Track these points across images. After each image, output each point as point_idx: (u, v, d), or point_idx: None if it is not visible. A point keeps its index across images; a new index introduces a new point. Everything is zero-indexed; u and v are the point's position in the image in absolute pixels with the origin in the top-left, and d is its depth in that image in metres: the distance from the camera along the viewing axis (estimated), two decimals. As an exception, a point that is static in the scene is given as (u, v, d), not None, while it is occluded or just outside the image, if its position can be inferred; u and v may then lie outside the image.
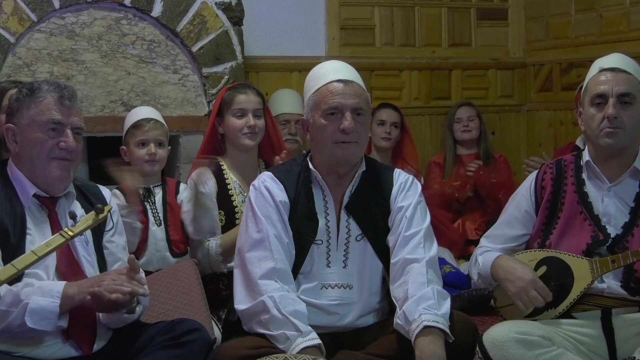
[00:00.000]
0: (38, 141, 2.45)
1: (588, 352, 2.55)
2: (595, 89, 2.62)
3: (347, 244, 2.64)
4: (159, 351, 2.42)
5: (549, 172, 2.75)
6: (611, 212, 2.63)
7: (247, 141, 3.42)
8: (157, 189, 3.39)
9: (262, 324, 2.46)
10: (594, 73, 2.67)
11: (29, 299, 2.26)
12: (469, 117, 4.73)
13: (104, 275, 2.41)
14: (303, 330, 2.40)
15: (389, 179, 2.69)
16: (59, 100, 2.47)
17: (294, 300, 2.48)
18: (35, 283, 2.33)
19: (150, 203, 3.34)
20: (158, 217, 3.33)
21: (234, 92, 3.47)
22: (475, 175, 4.56)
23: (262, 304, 2.46)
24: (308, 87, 2.69)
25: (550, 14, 5.20)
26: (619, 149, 2.62)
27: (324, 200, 2.65)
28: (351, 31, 4.97)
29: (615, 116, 2.56)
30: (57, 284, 2.33)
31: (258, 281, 2.49)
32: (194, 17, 4.14)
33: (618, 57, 2.69)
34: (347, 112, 2.56)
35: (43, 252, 2.21)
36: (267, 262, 2.52)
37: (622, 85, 2.58)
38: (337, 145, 2.57)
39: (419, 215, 2.63)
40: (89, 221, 2.31)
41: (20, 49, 3.88)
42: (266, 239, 2.54)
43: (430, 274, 2.52)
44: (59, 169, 2.46)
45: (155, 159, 3.33)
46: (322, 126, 2.58)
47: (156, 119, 3.40)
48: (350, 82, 2.61)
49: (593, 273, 2.56)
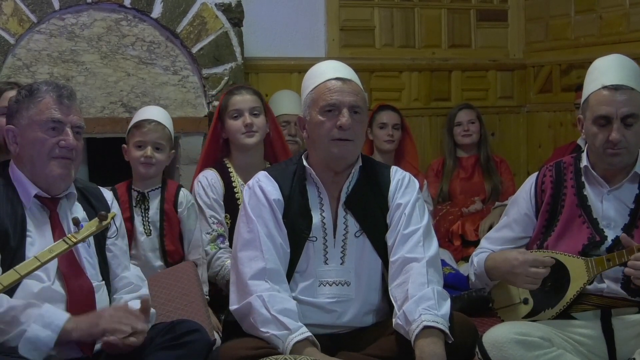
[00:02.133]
0: (38, 140, 2.45)
1: (588, 353, 2.55)
2: (599, 110, 2.59)
3: (345, 240, 2.64)
4: (159, 352, 2.41)
5: (549, 175, 2.75)
6: (611, 215, 2.63)
7: (247, 140, 3.42)
8: (153, 193, 3.31)
9: (252, 324, 2.46)
10: (595, 88, 2.63)
11: (28, 326, 2.24)
12: (469, 120, 4.71)
13: (103, 311, 2.38)
14: (292, 328, 2.40)
15: (386, 175, 2.70)
16: (58, 99, 2.47)
17: (282, 299, 2.47)
18: (38, 309, 2.28)
19: (142, 210, 3.27)
20: (148, 227, 3.26)
21: (229, 95, 3.49)
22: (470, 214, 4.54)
23: (250, 304, 2.47)
24: (305, 85, 2.70)
25: (550, 15, 5.20)
26: (622, 166, 2.62)
27: (319, 197, 2.65)
28: (351, 32, 4.97)
29: (619, 140, 2.56)
30: (60, 316, 2.29)
31: (248, 281, 2.50)
32: (193, 18, 4.14)
33: (619, 67, 2.65)
34: (345, 109, 2.57)
35: (46, 258, 2.22)
36: (258, 262, 2.52)
37: (626, 107, 2.56)
38: (334, 142, 2.58)
39: (418, 213, 2.63)
40: (92, 228, 2.33)
41: (20, 50, 3.87)
42: (257, 239, 2.55)
43: (430, 273, 2.52)
44: (60, 168, 2.46)
45: (150, 162, 3.24)
46: (319, 123, 2.59)
47: (158, 121, 3.30)
48: (348, 81, 2.62)
49: (589, 272, 2.56)
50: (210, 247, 3.33)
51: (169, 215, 3.28)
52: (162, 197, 3.30)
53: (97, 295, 2.47)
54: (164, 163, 3.31)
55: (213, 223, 3.37)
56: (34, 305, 2.30)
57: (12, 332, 2.25)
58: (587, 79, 2.70)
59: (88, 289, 2.45)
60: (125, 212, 3.21)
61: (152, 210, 3.28)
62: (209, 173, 3.46)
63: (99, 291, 2.49)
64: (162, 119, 3.34)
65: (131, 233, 3.21)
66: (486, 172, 4.67)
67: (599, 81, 2.63)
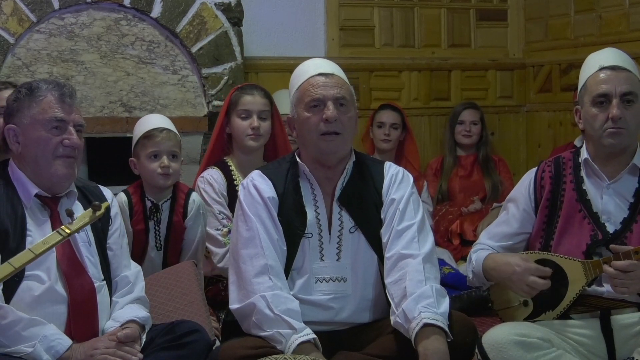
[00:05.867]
0: (42, 140, 2.45)
1: (587, 353, 2.55)
2: (597, 89, 2.59)
3: (340, 236, 2.63)
4: (159, 352, 2.42)
5: (548, 171, 2.73)
6: (610, 209, 2.62)
7: (251, 143, 3.42)
8: (165, 205, 3.18)
9: (255, 324, 2.46)
10: (593, 71, 2.63)
11: (35, 348, 2.27)
12: (472, 121, 4.70)
13: (97, 342, 2.39)
14: (297, 327, 2.40)
15: (380, 171, 2.70)
16: (60, 97, 2.47)
17: (286, 299, 2.47)
18: (42, 328, 2.31)
19: (154, 222, 3.16)
20: (159, 242, 3.17)
21: (240, 93, 3.48)
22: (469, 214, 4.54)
23: (253, 304, 2.46)
24: (291, 85, 2.73)
25: (549, 14, 5.20)
26: (622, 148, 2.61)
27: (313, 194, 2.65)
28: (351, 32, 4.97)
29: (620, 117, 2.54)
30: (63, 342, 2.32)
31: (252, 279, 2.50)
32: (193, 17, 4.14)
33: (614, 53, 2.67)
34: (329, 102, 2.58)
35: (40, 250, 2.20)
36: (259, 259, 2.52)
37: (625, 84, 2.56)
38: (322, 138, 2.58)
39: (412, 208, 2.63)
40: (86, 218, 2.31)
41: (19, 49, 3.87)
42: (256, 236, 2.55)
43: (427, 270, 2.51)
44: (64, 167, 2.47)
45: (168, 172, 3.09)
46: (306, 119, 2.60)
47: (169, 128, 3.17)
48: (331, 75, 2.64)
49: (587, 275, 2.55)
50: (224, 242, 3.32)
51: (176, 228, 3.18)
52: (172, 208, 3.19)
53: (98, 295, 2.47)
54: (179, 173, 3.19)
55: (223, 219, 3.37)
56: (38, 324, 2.31)
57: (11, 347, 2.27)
58: (582, 69, 2.70)
59: (89, 289, 2.45)
60: (139, 224, 3.14)
61: (162, 223, 3.18)
62: (212, 171, 3.45)
63: (101, 291, 2.49)
64: (170, 126, 3.22)
65: (144, 246, 3.15)
66: (485, 170, 4.67)
67: (596, 65, 2.63)
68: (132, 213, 3.13)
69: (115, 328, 2.45)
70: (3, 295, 2.33)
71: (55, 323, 2.36)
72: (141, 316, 2.52)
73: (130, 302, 2.57)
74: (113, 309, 2.55)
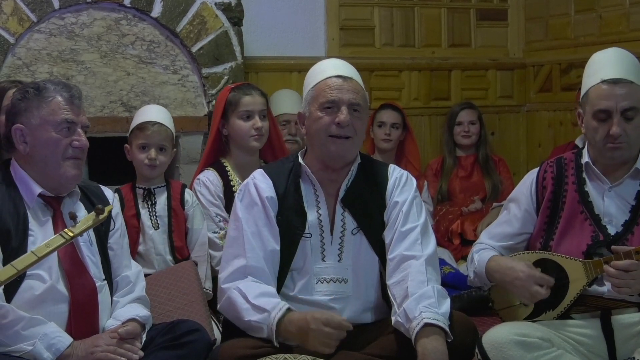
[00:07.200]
0: (52, 141, 2.45)
1: (588, 353, 2.55)
2: (598, 104, 2.59)
3: (342, 237, 2.64)
4: (159, 352, 2.43)
5: (550, 171, 2.74)
6: (612, 211, 2.62)
7: (255, 143, 3.43)
8: (159, 190, 3.34)
9: (236, 317, 2.50)
10: (594, 82, 2.62)
11: (35, 346, 2.27)
12: (470, 121, 4.69)
13: (98, 340, 2.40)
14: (268, 308, 2.42)
15: (384, 174, 2.71)
16: (70, 99, 2.49)
17: (258, 286, 2.50)
18: (43, 327, 2.32)
19: (149, 205, 3.30)
20: (155, 220, 3.29)
21: (239, 93, 3.47)
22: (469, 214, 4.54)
23: (229, 298, 2.51)
24: (307, 83, 2.72)
25: (549, 14, 5.20)
26: (623, 160, 2.62)
27: (315, 195, 2.66)
28: (351, 32, 4.97)
29: (620, 134, 2.55)
30: (63, 340, 2.33)
31: (226, 277, 2.54)
32: (193, 17, 4.14)
33: (618, 61, 2.64)
34: (344, 107, 2.59)
35: (43, 253, 2.21)
36: (239, 260, 2.55)
37: (625, 100, 2.56)
38: (331, 139, 2.59)
39: (415, 211, 2.64)
40: (89, 222, 2.32)
41: (19, 49, 3.87)
42: (240, 237, 2.58)
43: (429, 272, 2.52)
44: (74, 168, 2.48)
45: (155, 164, 3.28)
46: (318, 118, 2.61)
47: (161, 122, 3.33)
48: (349, 79, 2.64)
49: (587, 274, 2.55)
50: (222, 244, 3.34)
51: (176, 212, 3.31)
52: (169, 194, 3.33)
53: (99, 295, 2.48)
54: (166, 164, 3.35)
55: (219, 221, 3.38)
56: (39, 322, 2.32)
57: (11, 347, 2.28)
58: (585, 72, 2.69)
59: (91, 288, 2.46)
60: (131, 210, 3.24)
61: (159, 205, 3.31)
62: (208, 173, 3.46)
63: (102, 291, 2.50)
64: (164, 119, 3.37)
65: (138, 229, 3.25)
66: (485, 170, 4.67)
67: (597, 75, 2.62)
68: (123, 204, 3.20)
69: (116, 326, 2.45)
70: (5, 294, 2.34)
71: (57, 322, 2.37)
72: (142, 315, 2.52)
73: (131, 301, 2.58)
74: (114, 308, 2.55)
